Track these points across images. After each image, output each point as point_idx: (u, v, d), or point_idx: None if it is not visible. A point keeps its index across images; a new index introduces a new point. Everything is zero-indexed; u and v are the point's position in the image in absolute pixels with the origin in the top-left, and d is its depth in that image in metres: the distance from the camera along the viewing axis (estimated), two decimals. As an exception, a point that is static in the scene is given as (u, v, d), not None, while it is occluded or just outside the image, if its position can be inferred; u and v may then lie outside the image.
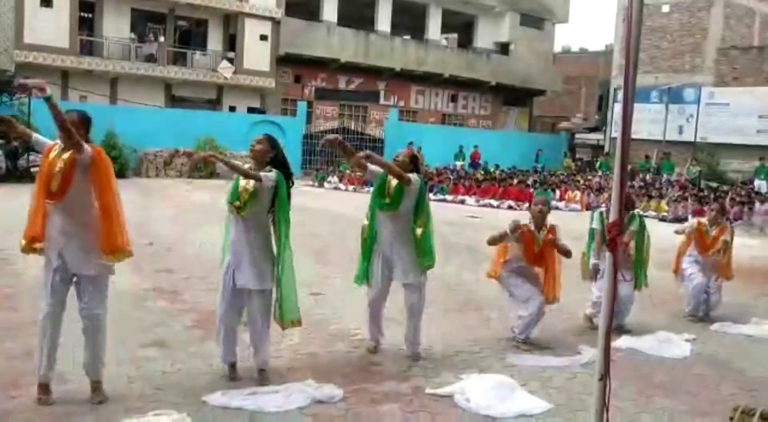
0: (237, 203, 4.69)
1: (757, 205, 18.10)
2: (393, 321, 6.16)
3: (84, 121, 4.31)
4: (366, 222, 5.56)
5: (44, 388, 4.24)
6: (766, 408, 2.48)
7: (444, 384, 4.85)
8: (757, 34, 29.03)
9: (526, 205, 6.31)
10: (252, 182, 4.67)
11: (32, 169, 20.03)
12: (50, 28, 24.77)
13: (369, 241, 5.49)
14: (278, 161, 4.82)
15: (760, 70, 26.86)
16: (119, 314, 5.91)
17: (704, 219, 7.55)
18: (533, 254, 5.92)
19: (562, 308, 6.51)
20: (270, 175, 4.68)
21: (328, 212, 16.10)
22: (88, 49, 26.84)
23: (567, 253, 5.87)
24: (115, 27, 27.53)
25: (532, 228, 5.88)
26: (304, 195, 20.17)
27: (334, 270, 9.03)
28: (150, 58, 28.23)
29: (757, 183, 22.34)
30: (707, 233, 7.36)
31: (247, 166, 4.85)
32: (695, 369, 5.54)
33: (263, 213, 4.76)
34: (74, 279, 4.28)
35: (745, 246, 12.70)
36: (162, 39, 28.36)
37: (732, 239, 7.47)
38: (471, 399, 4.53)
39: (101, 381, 4.36)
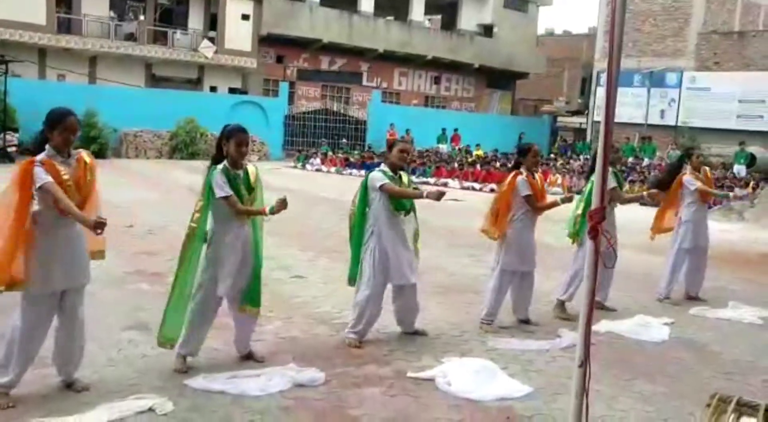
0: None
1: (736, 189, 18.23)
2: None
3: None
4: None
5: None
6: (742, 396, 2.51)
7: (425, 367, 4.87)
8: (738, 19, 29.17)
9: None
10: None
11: (8, 149, 19.70)
12: (27, 5, 24.32)
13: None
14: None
15: (740, 54, 27.04)
16: (100, 297, 5.88)
17: None
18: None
19: (542, 292, 6.54)
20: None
21: (310, 194, 16.04)
22: (66, 26, 26.40)
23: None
24: (94, 4, 27.10)
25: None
26: (285, 176, 20.11)
27: (316, 254, 9.02)
28: (130, 37, 27.84)
29: (736, 168, 22.50)
30: None
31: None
32: (674, 353, 5.61)
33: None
34: None
35: (723, 230, 12.85)
36: (142, 17, 27.96)
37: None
38: (452, 383, 4.57)
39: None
